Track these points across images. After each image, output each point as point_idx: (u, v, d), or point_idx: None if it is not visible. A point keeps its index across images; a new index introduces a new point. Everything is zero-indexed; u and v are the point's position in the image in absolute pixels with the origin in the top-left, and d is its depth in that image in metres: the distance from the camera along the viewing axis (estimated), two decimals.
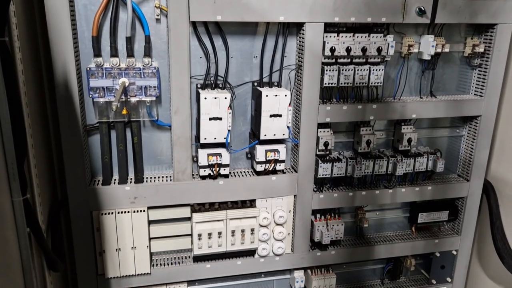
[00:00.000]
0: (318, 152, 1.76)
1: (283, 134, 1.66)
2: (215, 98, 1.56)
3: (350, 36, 1.63)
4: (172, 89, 1.55)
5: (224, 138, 1.61)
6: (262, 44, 1.65)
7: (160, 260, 1.78)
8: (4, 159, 1.11)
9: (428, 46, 1.74)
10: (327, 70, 1.64)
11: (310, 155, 1.74)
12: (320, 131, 1.74)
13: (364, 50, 1.63)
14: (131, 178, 1.67)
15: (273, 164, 1.71)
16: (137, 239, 1.66)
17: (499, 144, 1.96)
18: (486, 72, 1.83)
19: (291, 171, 1.79)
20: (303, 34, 1.60)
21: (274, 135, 1.65)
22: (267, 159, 1.69)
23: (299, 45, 1.66)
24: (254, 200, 1.76)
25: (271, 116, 1.62)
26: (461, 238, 2.05)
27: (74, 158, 1.53)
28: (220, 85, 1.64)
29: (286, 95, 1.62)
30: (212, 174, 1.66)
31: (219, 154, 1.64)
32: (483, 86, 1.85)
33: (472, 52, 1.83)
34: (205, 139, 1.60)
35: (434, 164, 1.90)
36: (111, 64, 1.48)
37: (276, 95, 1.60)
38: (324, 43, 1.61)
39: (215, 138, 1.60)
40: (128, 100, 1.53)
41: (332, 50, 1.61)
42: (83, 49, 1.51)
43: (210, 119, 1.57)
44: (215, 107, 1.56)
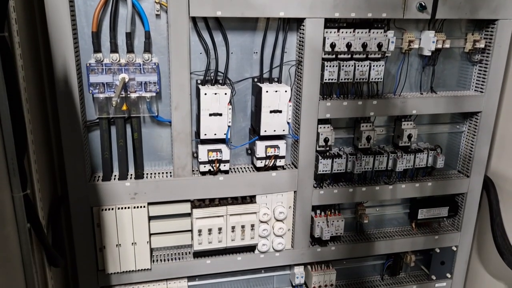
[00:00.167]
0: (318, 148, 1.76)
1: (283, 130, 1.66)
2: (215, 94, 1.55)
3: (350, 32, 1.62)
4: (172, 85, 1.55)
5: (224, 134, 1.61)
6: (262, 40, 1.65)
7: (160, 256, 1.79)
8: (4, 155, 1.11)
9: (428, 41, 1.74)
10: (327, 66, 1.63)
11: (310, 151, 1.74)
12: (320, 127, 1.74)
13: (364, 45, 1.63)
14: (131, 174, 1.67)
15: (273, 160, 1.71)
16: (137, 235, 1.66)
17: (499, 140, 1.96)
18: (486, 68, 1.83)
19: (291, 167, 1.79)
20: (303, 30, 1.60)
21: (274, 131, 1.65)
22: (267, 155, 1.69)
23: (299, 40, 1.65)
24: (254, 196, 1.76)
25: (271, 112, 1.62)
26: (461, 234, 2.06)
27: (74, 154, 1.53)
28: (220, 81, 1.64)
29: (286, 91, 1.61)
30: (212, 170, 1.66)
31: (219, 150, 1.64)
32: (484, 82, 1.85)
33: (472, 48, 1.82)
34: (205, 135, 1.60)
35: (434, 160, 1.90)
36: (111, 59, 1.48)
37: (276, 91, 1.60)
38: (324, 38, 1.61)
39: (215, 134, 1.60)
40: (128, 96, 1.53)
41: (333, 45, 1.61)
42: (83, 44, 1.51)
43: (210, 115, 1.57)
44: (215, 103, 1.56)
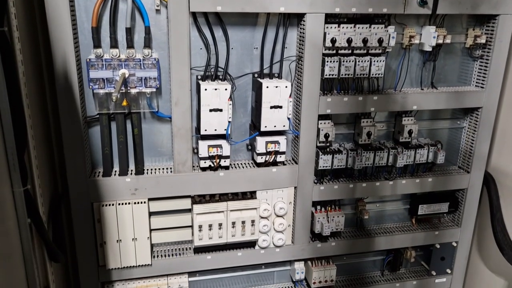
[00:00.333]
0: (319, 143, 1.76)
1: (284, 126, 1.66)
2: (216, 90, 1.55)
3: (351, 27, 1.62)
4: (172, 80, 1.54)
5: (225, 129, 1.60)
6: (263, 35, 1.64)
7: (161, 252, 1.79)
8: (5, 150, 1.11)
9: (429, 37, 1.73)
10: (327, 61, 1.63)
11: (311, 147, 1.74)
12: (320, 123, 1.73)
13: (365, 41, 1.62)
14: (131, 170, 1.67)
15: (273, 156, 1.70)
16: (137, 230, 1.66)
17: (500, 136, 1.96)
18: (487, 63, 1.83)
19: (292, 163, 1.79)
20: (303, 25, 1.60)
21: (275, 126, 1.65)
22: (268, 150, 1.69)
23: (300, 36, 1.65)
24: (254, 192, 1.76)
25: (271, 107, 1.62)
26: (461, 230, 2.06)
27: (75, 149, 1.53)
28: (220, 76, 1.64)
29: (286, 87, 1.61)
30: (212, 165, 1.66)
31: (220, 146, 1.64)
32: (485, 77, 1.84)
33: (473, 43, 1.81)
34: (205, 130, 1.60)
35: (435, 156, 1.90)
36: (111, 55, 1.47)
37: (276, 87, 1.60)
38: (325, 34, 1.60)
39: (215, 130, 1.60)
40: (128, 91, 1.52)
41: (333, 41, 1.60)
42: (83, 40, 1.50)
43: (211, 111, 1.57)
44: (216, 98, 1.56)
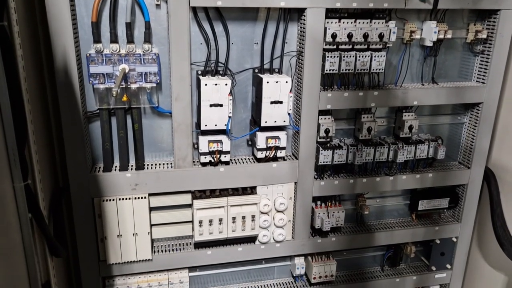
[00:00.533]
0: (319, 139, 1.76)
1: (284, 121, 1.66)
2: (216, 85, 1.55)
3: (351, 22, 1.61)
4: (172, 75, 1.54)
5: (225, 124, 1.60)
6: (263, 30, 1.64)
7: (161, 247, 1.80)
8: (5, 145, 1.11)
9: (430, 32, 1.73)
10: (328, 57, 1.63)
11: (311, 142, 1.74)
12: (321, 118, 1.73)
13: (365, 36, 1.62)
14: (132, 165, 1.67)
15: (273, 151, 1.70)
16: (138, 225, 1.66)
17: (501, 131, 1.96)
18: (488, 58, 1.82)
19: (292, 158, 1.79)
20: (304, 20, 1.59)
21: (275, 122, 1.65)
22: (268, 146, 1.69)
23: (300, 31, 1.64)
24: (255, 187, 1.76)
25: (271, 103, 1.62)
26: (461, 225, 2.06)
27: (75, 145, 1.53)
28: (220, 71, 1.64)
29: (287, 82, 1.61)
30: (212, 161, 1.66)
31: (220, 141, 1.64)
32: (485, 73, 1.84)
33: (474, 38, 1.81)
34: (205, 125, 1.60)
35: (435, 151, 1.90)
36: (111, 50, 1.47)
37: (277, 82, 1.60)
38: (325, 29, 1.60)
39: (215, 125, 1.60)
40: (129, 86, 1.52)
41: (334, 36, 1.60)
42: (83, 35, 1.50)
43: (211, 106, 1.57)
44: (216, 93, 1.56)
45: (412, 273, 2.14)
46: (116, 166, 1.65)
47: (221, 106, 1.58)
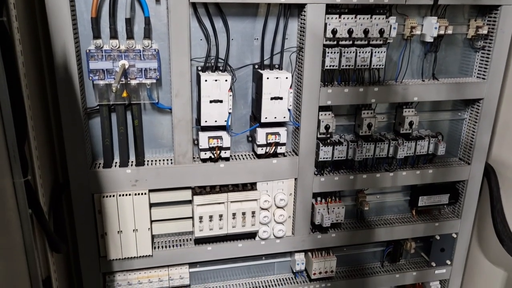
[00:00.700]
0: (319, 135, 1.76)
1: (284, 117, 1.66)
2: (216, 81, 1.55)
3: (352, 18, 1.61)
4: (172, 71, 1.54)
5: (225, 120, 1.60)
6: (263, 26, 1.63)
7: (161, 243, 1.80)
8: (5, 141, 1.11)
9: (431, 28, 1.72)
10: (328, 52, 1.62)
11: (311, 138, 1.74)
12: (321, 114, 1.73)
13: (366, 32, 1.61)
14: (132, 161, 1.67)
15: (274, 147, 1.70)
16: (138, 221, 1.67)
17: (501, 127, 1.96)
18: (489, 54, 1.82)
19: (292, 154, 1.79)
20: (304, 16, 1.59)
21: (275, 118, 1.64)
22: (268, 142, 1.68)
23: (301, 26, 1.64)
24: (255, 183, 1.76)
25: (272, 98, 1.61)
26: (461, 221, 2.06)
27: (75, 141, 1.52)
28: (220, 67, 1.63)
29: (287, 78, 1.60)
30: (213, 157, 1.66)
31: (220, 137, 1.64)
32: (486, 68, 1.84)
33: (475, 34, 1.80)
34: (205, 121, 1.59)
35: (436, 148, 1.89)
36: (110, 46, 1.47)
37: (277, 78, 1.59)
38: (325, 24, 1.59)
39: (215, 121, 1.60)
40: (128, 82, 1.52)
41: (334, 31, 1.59)
42: (82, 31, 1.50)
43: (211, 102, 1.57)
44: (216, 89, 1.56)
45: (412, 269, 2.14)
46: (116, 162, 1.65)
47: (221, 102, 1.57)
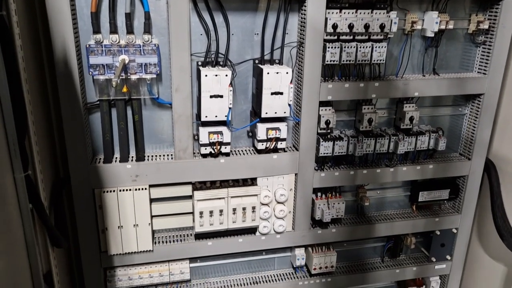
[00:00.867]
0: (320, 130, 1.76)
1: (284, 112, 1.65)
2: (216, 76, 1.54)
3: (352, 13, 1.60)
4: (172, 66, 1.53)
5: (225, 116, 1.60)
6: (263, 21, 1.63)
7: (162, 238, 1.80)
8: (5, 136, 1.11)
9: (431, 22, 1.71)
10: (329, 47, 1.62)
11: (311, 134, 1.74)
12: (321, 109, 1.73)
13: (366, 26, 1.61)
14: (132, 156, 1.67)
15: (274, 143, 1.70)
16: (139, 216, 1.67)
17: (502, 123, 1.95)
18: (490, 49, 1.81)
19: (292, 150, 1.79)
20: (305, 10, 1.58)
21: (275, 113, 1.64)
22: (268, 137, 1.68)
23: (301, 21, 1.63)
24: (255, 179, 1.76)
25: (272, 94, 1.61)
26: (461, 217, 2.06)
27: (75, 136, 1.52)
28: (221, 62, 1.63)
29: (287, 73, 1.60)
30: (213, 152, 1.66)
31: (220, 132, 1.64)
32: (487, 63, 1.83)
33: (476, 29, 1.80)
34: (206, 117, 1.59)
35: (436, 143, 1.89)
36: (110, 41, 1.46)
37: (277, 73, 1.59)
38: (326, 19, 1.59)
39: (216, 116, 1.60)
40: (128, 77, 1.52)
41: (334, 26, 1.59)
42: (82, 25, 1.49)
43: (211, 97, 1.56)
44: (216, 84, 1.55)
45: (412, 264, 2.15)
46: (116, 158, 1.65)
47: (221, 97, 1.57)
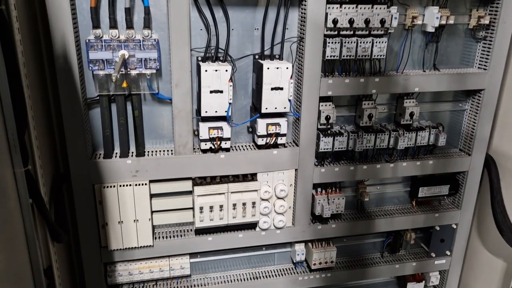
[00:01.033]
0: (320, 126, 1.76)
1: (285, 108, 1.65)
2: (216, 71, 1.54)
3: (353, 8, 1.59)
4: (172, 61, 1.53)
5: (225, 111, 1.60)
6: (264, 16, 1.62)
7: (162, 233, 1.80)
8: (5, 131, 1.11)
9: (432, 17, 1.71)
10: (329, 43, 1.62)
11: (312, 129, 1.74)
12: (321, 105, 1.72)
13: (367, 22, 1.60)
14: (132, 152, 1.67)
15: (274, 138, 1.70)
16: (139, 212, 1.67)
17: (502, 118, 1.95)
18: (490, 44, 1.81)
19: (292, 145, 1.79)
20: (305, 5, 1.58)
21: (276, 108, 1.64)
22: (268, 132, 1.68)
23: (301, 16, 1.63)
24: (255, 174, 1.76)
25: (272, 89, 1.61)
26: (461, 212, 2.07)
27: (75, 131, 1.52)
28: (221, 57, 1.63)
29: (287, 68, 1.60)
30: (213, 147, 1.66)
31: (220, 128, 1.63)
32: (487, 59, 1.83)
33: (477, 24, 1.79)
34: (206, 112, 1.59)
35: (436, 138, 1.89)
36: (110, 36, 1.46)
37: (277, 68, 1.59)
38: (326, 14, 1.58)
39: (216, 111, 1.59)
40: (128, 72, 1.51)
41: (335, 21, 1.58)
42: (82, 20, 1.49)
43: (211, 92, 1.56)
44: (216, 79, 1.55)
45: (412, 259, 2.15)
46: (116, 153, 1.65)
47: (221, 92, 1.57)
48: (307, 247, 1.97)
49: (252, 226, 1.85)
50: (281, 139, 1.72)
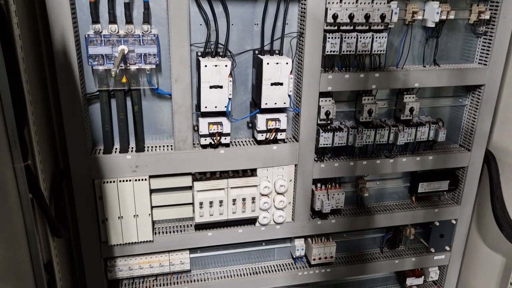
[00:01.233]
0: (319, 121, 1.76)
1: (284, 103, 1.65)
2: (216, 66, 1.54)
3: (353, 3, 1.59)
4: (172, 57, 1.53)
5: (225, 106, 1.60)
6: (263, 11, 1.62)
7: (162, 228, 1.81)
8: (5, 126, 1.11)
9: (432, 13, 1.70)
10: (329, 38, 1.61)
11: (311, 125, 1.74)
12: (321, 100, 1.72)
13: (367, 17, 1.60)
14: (132, 147, 1.67)
15: (274, 133, 1.70)
16: (139, 207, 1.67)
17: (502, 114, 1.95)
18: (491, 40, 1.80)
19: (292, 141, 1.79)
20: (305, 0, 1.57)
21: (275, 103, 1.64)
22: (268, 128, 1.68)
23: (301, 11, 1.62)
24: (255, 169, 1.76)
25: (272, 84, 1.61)
26: (460, 208, 2.07)
27: (75, 127, 1.52)
28: (220, 53, 1.62)
29: (287, 63, 1.60)
30: (213, 143, 1.66)
31: (220, 123, 1.63)
32: (488, 54, 1.82)
33: (477, 19, 1.79)
34: (205, 107, 1.59)
35: (436, 134, 1.89)
36: (109, 31, 1.45)
37: (277, 63, 1.58)
38: (326, 9, 1.57)
39: (215, 107, 1.59)
40: (128, 68, 1.51)
41: (335, 17, 1.58)
42: (81, 15, 1.48)
43: (211, 87, 1.56)
44: (216, 75, 1.55)
45: (411, 254, 2.15)
46: (116, 148, 1.65)
47: (221, 87, 1.57)
48: (307, 243, 1.97)
49: (252, 221, 1.85)
50: (281, 134, 1.72)
